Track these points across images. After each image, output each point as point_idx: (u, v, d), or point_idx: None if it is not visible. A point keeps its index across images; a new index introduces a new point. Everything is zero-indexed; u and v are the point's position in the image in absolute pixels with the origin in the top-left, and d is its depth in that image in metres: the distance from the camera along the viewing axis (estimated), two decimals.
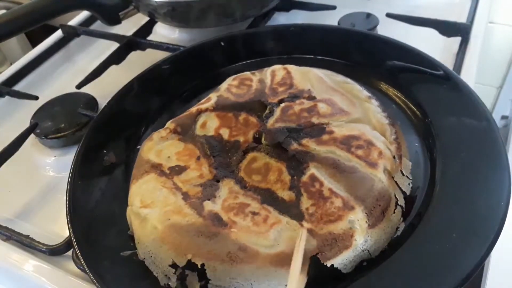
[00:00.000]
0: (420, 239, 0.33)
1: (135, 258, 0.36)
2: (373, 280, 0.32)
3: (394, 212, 0.35)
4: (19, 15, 0.53)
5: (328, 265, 0.32)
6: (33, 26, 0.54)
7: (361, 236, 0.33)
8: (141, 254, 0.36)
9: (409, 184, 0.38)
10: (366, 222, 0.33)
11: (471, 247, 0.30)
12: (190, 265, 0.33)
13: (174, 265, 0.33)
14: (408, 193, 0.37)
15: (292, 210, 0.35)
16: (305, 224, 0.33)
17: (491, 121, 0.38)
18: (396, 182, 0.37)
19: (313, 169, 0.37)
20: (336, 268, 0.32)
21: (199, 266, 0.32)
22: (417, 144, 0.42)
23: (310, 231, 0.33)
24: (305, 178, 0.37)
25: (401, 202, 0.36)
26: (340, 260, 0.32)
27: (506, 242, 0.33)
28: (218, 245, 0.33)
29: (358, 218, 0.33)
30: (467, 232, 0.31)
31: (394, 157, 0.38)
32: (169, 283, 0.33)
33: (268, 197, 0.36)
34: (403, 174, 0.38)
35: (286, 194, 0.36)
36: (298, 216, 0.34)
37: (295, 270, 0.30)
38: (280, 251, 0.32)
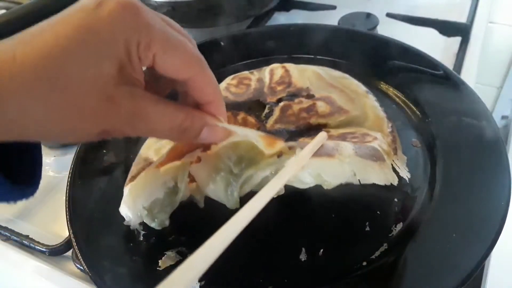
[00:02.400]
0: (420, 239, 0.33)
1: (135, 257, 0.36)
2: (373, 280, 0.32)
3: (389, 171, 0.36)
4: (19, 15, 0.53)
5: (306, 169, 0.32)
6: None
7: (346, 155, 0.33)
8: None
9: (407, 172, 0.38)
10: (353, 150, 0.34)
11: (471, 247, 0.30)
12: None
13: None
14: (408, 177, 0.37)
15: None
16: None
17: (491, 121, 0.38)
18: (393, 160, 0.38)
19: None
20: (335, 264, 0.32)
21: None
22: None
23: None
24: None
25: (403, 174, 0.37)
26: (320, 164, 0.32)
27: (507, 242, 0.33)
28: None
29: (344, 145, 0.34)
30: (467, 232, 0.31)
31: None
32: None
33: None
34: (399, 163, 0.38)
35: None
36: None
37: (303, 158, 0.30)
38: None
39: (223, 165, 0.32)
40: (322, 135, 0.34)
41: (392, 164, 0.37)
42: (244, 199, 0.33)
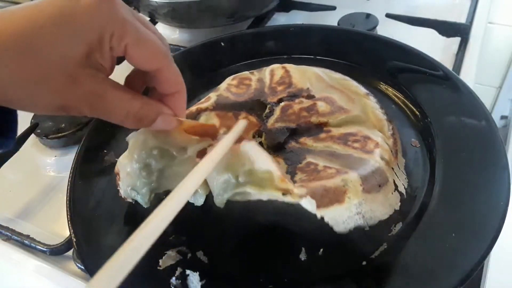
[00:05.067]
0: (419, 238, 0.33)
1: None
2: (372, 279, 0.32)
3: (391, 193, 0.35)
4: None
5: (318, 215, 0.31)
6: None
7: (354, 195, 0.32)
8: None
9: (405, 178, 0.38)
10: (361, 185, 0.33)
11: (470, 247, 0.30)
12: (192, 264, 0.33)
13: None
14: (405, 187, 0.37)
15: None
16: (296, 185, 0.33)
17: (491, 121, 0.38)
18: (395, 173, 0.37)
19: (309, 159, 0.37)
20: (334, 263, 0.32)
21: None
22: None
23: (301, 185, 0.33)
24: (301, 165, 0.37)
25: (401, 189, 0.37)
26: (332, 214, 0.32)
27: (506, 241, 0.33)
28: None
29: (351, 179, 0.33)
30: (467, 232, 0.32)
31: (391, 151, 0.39)
32: None
33: None
34: (399, 168, 0.38)
35: None
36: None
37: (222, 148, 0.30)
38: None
39: (236, 170, 0.32)
40: (242, 123, 0.34)
41: (394, 173, 0.37)
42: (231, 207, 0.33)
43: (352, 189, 0.33)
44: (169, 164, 0.33)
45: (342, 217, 0.32)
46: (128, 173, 0.33)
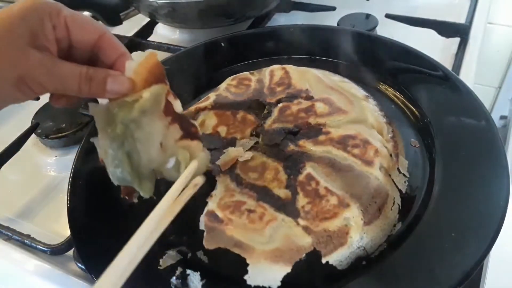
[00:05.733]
0: (419, 238, 0.33)
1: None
2: (372, 279, 0.32)
3: (391, 209, 0.36)
4: None
5: (323, 262, 0.32)
6: None
7: (356, 233, 0.33)
8: None
9: (405, 182, 0.38)
10: (362, 219, 0.34)
11: (470, 246, 0.31)
12: (192, 264, 0.33)
13: None
14: (404, 191, 0.38)
15: (288, 208, 0.35)
16: (300, 221, 0.34)
17: (490, 121, 0.39)
18: (392, 180, 0.37)
19: (309, 169, 0.37)
20: (332, 265, 0.32)
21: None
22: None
23: (305, 229, 0.33)
24: (301, 177, 0.37)
25: (397, 200, 0.37)
26: (335, 257, 0.32)
27: (506, 241, 0.33)
28: (213, 240, 0.33)
29: (353, 215, 0.33)
30: (466, 232, 0.32)
31: (391, 155, 0.39)
32: None
33: (264, 195, 0.36)
34: (399, 172, 0.38)
35: (282, 192, 0.36)
36: (293, 213, 0.34)
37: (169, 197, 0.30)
38: (275, 247, 0.32)
39: None
40: (193, 165, 0.32)
41: (393, 180, 0.38)
42: None
43: (353, 226, 0.33)
44: (131, 116, 0.30)
45: (344, 256, 0.33)
46: (105, 151, 0.32)
